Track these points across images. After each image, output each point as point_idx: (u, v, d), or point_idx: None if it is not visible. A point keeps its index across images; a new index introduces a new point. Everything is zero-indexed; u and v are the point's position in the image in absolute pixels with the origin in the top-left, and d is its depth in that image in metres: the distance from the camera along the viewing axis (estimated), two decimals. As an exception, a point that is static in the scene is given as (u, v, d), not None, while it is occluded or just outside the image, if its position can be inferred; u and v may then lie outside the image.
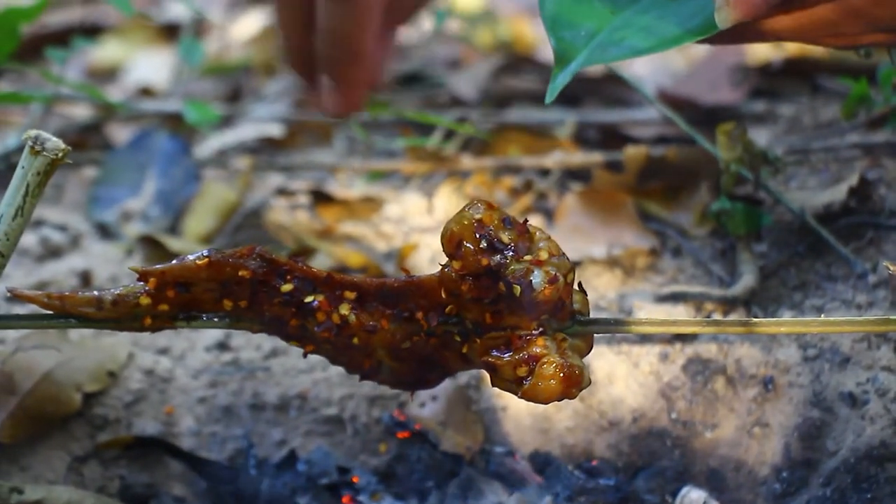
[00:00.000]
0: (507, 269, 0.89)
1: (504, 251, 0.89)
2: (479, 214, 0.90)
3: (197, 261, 0.91)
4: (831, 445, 1.12)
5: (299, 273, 0.92)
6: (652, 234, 1.35)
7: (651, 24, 0.93)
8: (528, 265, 0.89)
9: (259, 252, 0.92)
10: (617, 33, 0.93)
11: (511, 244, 0.90)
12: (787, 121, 1.55)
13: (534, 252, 0.90)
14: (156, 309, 0.93)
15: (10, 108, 1.81)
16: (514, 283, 0.88)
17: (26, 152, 0.89)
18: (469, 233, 0.89)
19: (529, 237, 0.91)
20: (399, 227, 1.45)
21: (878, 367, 1.13)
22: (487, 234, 0.89)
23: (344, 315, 0.92)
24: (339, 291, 0.92)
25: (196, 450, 1.21)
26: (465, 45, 1.98)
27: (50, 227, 1.49)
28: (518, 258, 0.90)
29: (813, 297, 1.22)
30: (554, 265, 0.90)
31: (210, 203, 1.51)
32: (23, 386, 1.17)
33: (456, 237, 0.90)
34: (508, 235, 0.90)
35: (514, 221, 0.91)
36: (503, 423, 1.20)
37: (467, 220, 0.90)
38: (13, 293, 0.93)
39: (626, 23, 0.93)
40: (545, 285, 0.89)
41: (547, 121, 1.65)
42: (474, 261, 0.89)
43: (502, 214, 0.91)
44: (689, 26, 0.92)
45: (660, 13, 0.93)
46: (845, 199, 1.27)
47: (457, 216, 0.91)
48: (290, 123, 1.75)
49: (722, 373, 1.19)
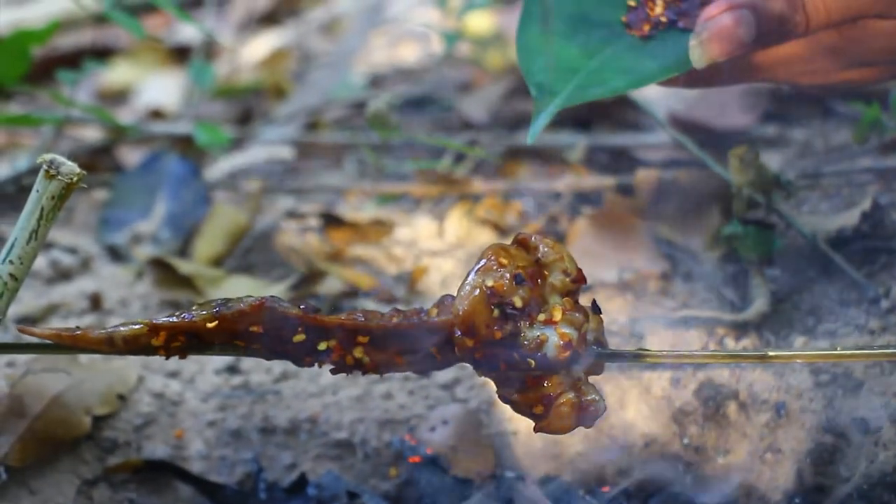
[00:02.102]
0: (521, 339, 0.87)
1: (517, 318, 0.88)
2: (490, 281, 0.87)
3: (207, 322, 0.90)
4: (844, 472, 1.12)
5: (311, 323, 0.91)
6: (663, 258, 1.34)
7: (628, 65, 0.94)
8: (541, 333, 0.88)
9: (269, 306, 0.91)
10: (595, 75, 0.94)
11: (524, 306, 0.88)
12: (799, 145, 1.55)
13: (547, 308, 0.89)
14: (168, 346, 0.92)
15: (21, 130, 1.82)
16: (528, 357, 0.87)
17: (41, 176, 0.88)
18: (481, 307, 0.87)
19: (541, 289, 0.89)
20: (409, 251, 1.44)
21: (892, 392, 1.12)
22: (500, 302, 0.87)
23: (358, 357, 0.92)
24: (352, 336, 0.92)
25: (205, 473, 1.20)
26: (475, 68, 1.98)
27: (60, 250, 1.49)
28: (532, 320, 0.88)
29: (825, 321, 1.22)
30: (568, 322, 0.88)
31: (220, 226, 1.51)
32: (32, 409, 1.16)
33: (469, 318, 0.87)
34: (521, 295, 0.88)
35: (525, 275, 0.88)
36: (514, 447, 1.20)
37: (479, 293, 0.87)
38: (23, 331, 0.92)
39: (604, 65, 0.95)
40: (560, 351, 0.87)
41: (558, 144, 1.65)
42: (488, 334, 0.87)
43: (515, 268, 0.88)
44: (666, 65, 0.93)
45: (636, 55, 0.94)
46: (857, 223, 1.26)
47: (469, 290, 0.87)
48: (301, 146, 1.75)
49: (734, 398, 1.18)
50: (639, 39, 0.95)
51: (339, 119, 1.87)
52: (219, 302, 0.91)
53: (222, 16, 2.36)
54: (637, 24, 0.95)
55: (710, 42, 0.90)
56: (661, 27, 0.95)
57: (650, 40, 0.95)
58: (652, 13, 0.95)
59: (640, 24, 0.95)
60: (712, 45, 0.90)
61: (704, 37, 0.91)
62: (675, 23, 0.94)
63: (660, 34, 0.95)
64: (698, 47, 0.91)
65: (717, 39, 0.90)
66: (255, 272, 1.46)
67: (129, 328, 0.91)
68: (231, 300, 0.91)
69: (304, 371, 0.95)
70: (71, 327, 0.92)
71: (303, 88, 2.06)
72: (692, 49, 0.91)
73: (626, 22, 0.96)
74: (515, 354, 0.88)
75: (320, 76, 2.09)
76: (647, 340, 1.23)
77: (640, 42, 0.95)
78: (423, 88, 1.92)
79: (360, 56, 2.12)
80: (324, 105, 1.92)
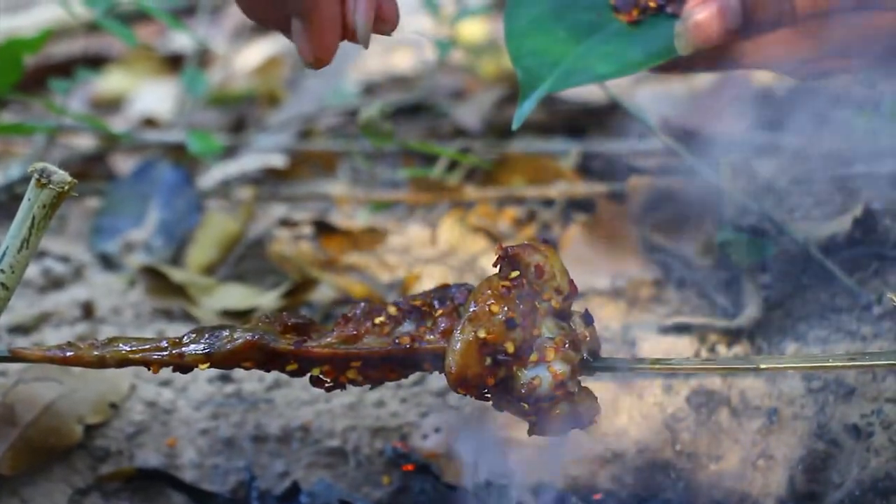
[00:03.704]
0: (514, 384, 0.87)
1: (510, 363, 0.87)
2: (483, 333, 0.86)
3: (199, 363, 0.90)
4: (836, 478, 1.12)
5: (303, 356, 0.91)
6: (656, 265, 1.34)
7: (614, 52, 0.94)
8: (534, 377, 0.87)
9: (259, 345, 0.90)
10: (581, 61, 0.94)
11: (517, 350, 0.87)
12: (792, 151, 1.55)
13: (541, 347, 0.88)
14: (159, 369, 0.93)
15: (13, 138, 1.81)
16: (521, 402, 0.87)
17: (32, 185, 0.88)
18: (474, 361, 0.87)
19: (536, 328, 0.88)
20: (403, 258, 1.44)
21: (883, 399, 1.12)
22: (492, 351, 0.87)
23: (352, 378, 0.92)
24: (344, 362, 0.91)
25: (198, 482, 1.20)
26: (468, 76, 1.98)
27: (52, 258, 1.49)
28: (524, 362, 0.88)
29: (817, 328, 1.22)
30: (561, 359, 0.87)
31: (213, 234, 1.51)
32: (24, 418, 1.16)
33: (462, 373, 0.87)
34: (513, 338, 0.87)
35: (518, 320, 0.87)
36: (507, 455, 1.20)
37: (472, 346, 0.87)
38: (14, 353, 0.92)
39: (590, 50, 0.94)
40: (553, 389, 0.87)
41: (551, 151, 1.65)
42: (480, 381, 0.87)
43: (507, 314, 0.87)
44: (651, 52, 0.93)
45: (622, 41, 0.94)
46: (850, 229, 1.27)
47: (462, 345, 0.87)
48: (294, 154, 1.75)
49: (726, 404, 1.18)
50: (626, 24, 0.95)
51: (333, 127, 1.87)
52: (210, 333, 0.91)
53: (215, 24, 2.35)
54: (625, 7, 0.95)
55: (695, 29, 0.90)
56: (649, 12, 0.95)
57: (638, 25, 0.95)
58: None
59: (629, 9, 0.95)
60: (698, 32, 0.90)
61: (690, 24, 0.91)
62: (663, 8, 0.94)
63: (648, 19, 0.95)
64: (684, 34, 0.91)
65: (702, 27, 0.90)
66: (247, 280, 1.46)
67: (124, 356, 0.91)
68: (222, 333, 0.91)
69: (297, 379, 0.95)
70: (63, 345, 0.92)
71: (296, 96, 2.06)
72: (677, 36, 0.91)
73: (615, 5, 0.96)
74: (508, 397, 0.88)
75: (313, 84, 2.09)
76: (639, 347, 1.23)
77: (628, 27, 0.95)
78: (416, 96, 1.92)
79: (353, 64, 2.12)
80: (317, 113, 1.92)
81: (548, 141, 1.68)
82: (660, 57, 0.93)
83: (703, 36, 0.90)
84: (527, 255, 0.89)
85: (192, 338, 0.91)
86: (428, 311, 0.91)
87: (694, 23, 0.91)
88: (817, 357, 0.90)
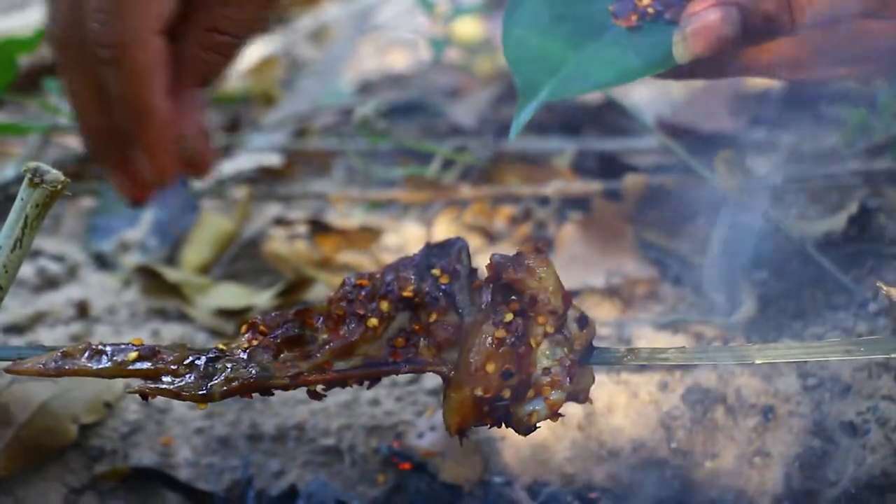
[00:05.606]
0: (512, 419, 0.87)
1: (507, 405, 0.87)
2: (480, 391, 0.86)
3: (197, 402, 0.88)
4: (832, 475, 1.12)
5: (301, 384, 0.90)
6: (651, 263, 1.34)
7: (613, 59, 0.93)
8: (532, 411, 0.87)
9: (256, 387, 0.89)
10: (580, 68, 0.93)
11: (513, 392, 0.86)
12: (787, 149, 1.55)
13: (537, 383, 0.87)
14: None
15: (8, 139, 1.81)
16: (518, 434, 0.88)
17: (25, 184, 0.88)
18: (471, 415, 0.87)
19: (533, 364, 0.87)
20: (398, 257, 1.44)
21: (879, 396, 1.12)
22: (490, 401, 0.86)
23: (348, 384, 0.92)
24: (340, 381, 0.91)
25: (193, 481, 1.20)
26: (463, 74, 1.98)
27: (47, 258, 1.48)
28: (521, 401, 0.87)
29: (813, 325, 1.22)
30: (558, 390, 0.87)
31: (208, 233, 1.51)
32: (19, 417, 1.16)
33: (461, 426, 0.87)
34: (510, 385, 0.87)
35: (514, 370, 0.86)
36: (502, 453, 1.20)
37: (469, 404, 0.86)
38: (11, 372, 0.91)
39: (589, 58, 0.94)
40: (549, 417, 0.87)
41: (546, 149, 1.65)
42: (478, 425, 0.87)
43: (504, 364, 0.86)
44: (651, 60, 0.92)
45: (622, 48, 0.93)
46: (845, 227, 1.27)
47: (457, 405, 0.86)
48: (289, 153, 1.75)
49: (722, 402, 1.18)
50: (625, 31, 0.94)
51: (328, 126, 1.87)
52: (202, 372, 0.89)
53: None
54: (624, 13, 0.95)
55: (694, 37, 0.90)
56: (647, 18, 0.94)
57: (637, 32, 0.94)
58: (640, 3, 0.94)
59: (628, 14, 0.95)
60: (696, 40, 0.90)
61: (689, 32, 0.90)
62: (662, 14, 0.94)
63: (646, 26, 0.94)
64: (682, 42, 0.90)
65: (701, 35, 0.89)
66: (242, 279, 1.45)
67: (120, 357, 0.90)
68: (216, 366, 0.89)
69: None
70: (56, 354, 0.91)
71: (291, 96, 2.06)
72: (676, 43, 0.90)
73: (614, 11, 0.95)
74: (504, 424, 0.88)
75: (309, 83, 2.09)
76: (634, 345, 1.23)
77: (627, 34, 0.94)
78: (411, 95, 1.92)
79: (348, 63, 2.12)
80: (312, 112, 1.92)
81: (544, 139, 1.68)
82: (659, 65, 0.93)
83: (702, 44, 0.90)
84: (520, 280, 0.88)
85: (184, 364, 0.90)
86: (420, 301, 0.91)
87: (692, 31, 0.90)
88: (812, 346, 0.89)
